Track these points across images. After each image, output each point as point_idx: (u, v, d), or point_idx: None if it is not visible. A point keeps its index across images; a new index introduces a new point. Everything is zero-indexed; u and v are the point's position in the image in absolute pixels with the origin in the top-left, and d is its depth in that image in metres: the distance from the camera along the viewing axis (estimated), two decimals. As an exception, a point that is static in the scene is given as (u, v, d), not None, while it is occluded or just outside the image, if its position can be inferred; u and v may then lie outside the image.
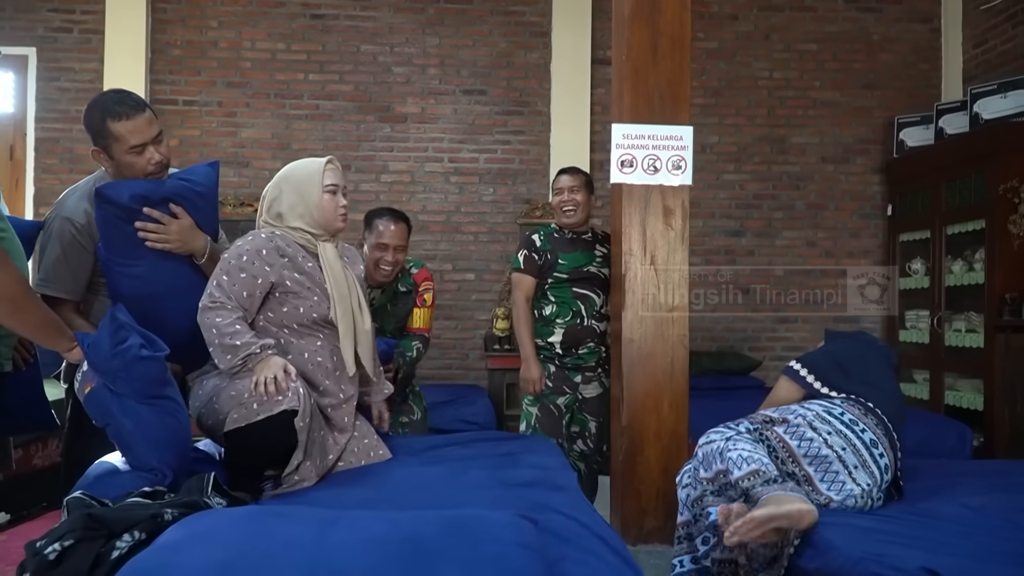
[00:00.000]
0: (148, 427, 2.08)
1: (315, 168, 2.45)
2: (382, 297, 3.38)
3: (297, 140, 5.53)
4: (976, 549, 1.98)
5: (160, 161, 2.42)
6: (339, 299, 2.39)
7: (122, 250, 2.37)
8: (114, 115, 2.35)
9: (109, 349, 2.00)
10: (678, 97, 3.30)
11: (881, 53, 5.90)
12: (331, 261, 2.42)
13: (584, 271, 3.62)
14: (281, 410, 2.13)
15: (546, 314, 3.65)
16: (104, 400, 2.07)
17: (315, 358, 2.40)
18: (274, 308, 2.37)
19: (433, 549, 1.41)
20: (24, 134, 5.42)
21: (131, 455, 2.12)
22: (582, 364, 3.63)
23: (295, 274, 2.36)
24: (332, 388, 2.42)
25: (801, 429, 2.46)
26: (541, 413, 3.62)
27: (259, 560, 1.36)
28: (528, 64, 5.70)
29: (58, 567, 1.51)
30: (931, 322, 5.09)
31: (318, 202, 2.41)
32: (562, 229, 3.71)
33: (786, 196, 5.87)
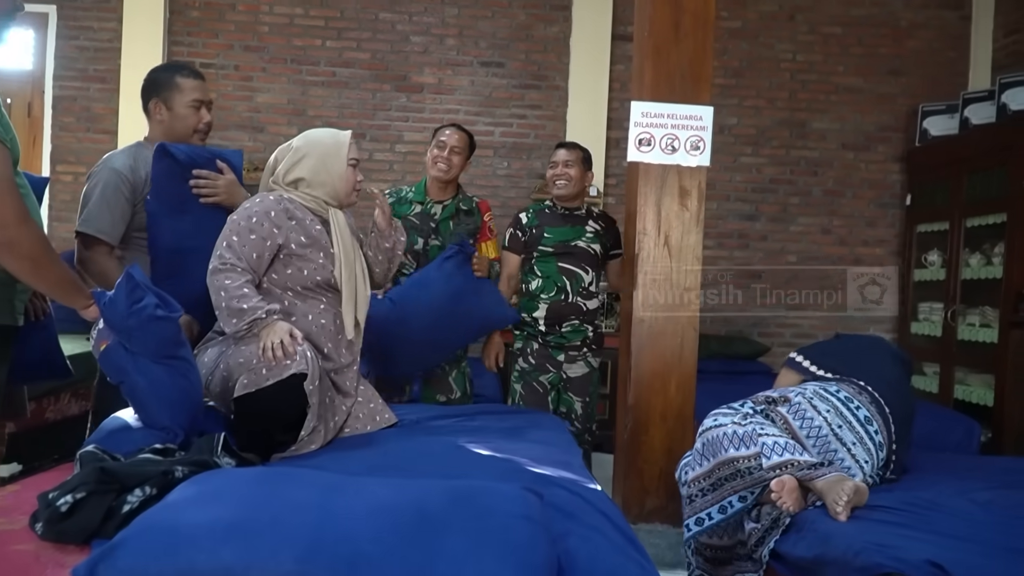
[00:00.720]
0: (161, 386, 2.10)
1: (342, 140, 2.50)
2: (444, 212, 3.48)
3: (312, 107, 5.51)
4: (981, 544, 1.97)
5: (209, 123, 2.73)
6: (345, 264, 2.43)
7: (172, 203, 2.55)
8: (183, 72, 2.71)
9: (125, 308, 2.01)
10: (699, 76, 3.27)
11: (908, 39, 5.81)
12: (341, 228, 2.46)
13: (571, 245, 3.59)
14: (291, 374, 2.14)
15: (531, 288, 3.63)
16: (119, 358, 2.09)
17: (319, 321, 2.42)
18: (279, 270, 2.39)
19: (439, 518, 1.41)
20: (42, 92, 5.42)
21: (144, 413, 2.14)
22: (565, 343, 3.61)
23: (301, 237, 2.39)
24: (334, 352, 2.45)
25: (803, 408, 2.50)
26: (525, 391, 3.62)
27: (266, 522, 1.37)
28: (547, 37, 5.65)
29: (70, 518, 1.53)
30: (945, 315, 5.05)
31: (341, 173, 2.46)
32: (554, 204, 3.68)
33: (803, 182, 5.83)
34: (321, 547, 1.33)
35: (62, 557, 1.50)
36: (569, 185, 3.59)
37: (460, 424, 2.73)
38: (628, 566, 1.59)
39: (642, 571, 1.59)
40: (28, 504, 1.67)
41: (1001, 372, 4.50)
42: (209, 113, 2.74)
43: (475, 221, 3.56)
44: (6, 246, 1.90)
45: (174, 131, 2.67)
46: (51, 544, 1.54)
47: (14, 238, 1.90)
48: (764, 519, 2.37)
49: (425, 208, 3.48)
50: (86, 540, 1.54)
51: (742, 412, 2.51)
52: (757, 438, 2.37)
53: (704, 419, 2.58)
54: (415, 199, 3.50)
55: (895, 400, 2.61)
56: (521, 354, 3.66)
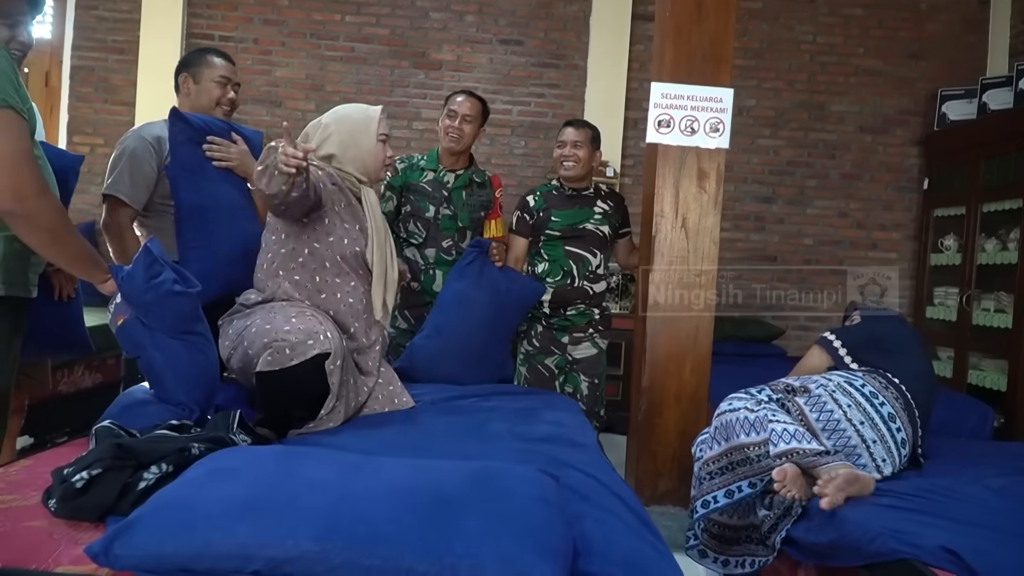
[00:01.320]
0: (178, 362, 2.11)
1: (372, 115, 2.52)
2: (457, 181, 3.50)
3: (331, 82, 5.49)
4: (995, 531, 1.96)
5: (232, 100, 2.90)
6: (377, 243, 2.46)
7: (189, 166, 2.62)
8: (215, 53, 2.92)
9: (143, 283, 2.02)
10: (720, 58, 3.24)
11: (928, 22, 5.75)
12: (373, 205, 2.49)
13: (579, 228, 3.53)
14: (314, 354, 2.13)
15: (538, 272, 3.59)
16: (136, 332, 2.10)
17: (347, 300, 2.44)
18: (321, 238, 2.40)
19: (456, 499, 1.41)
20: (60, 61, 5.42)
21: (160, 388, 2.15)
22: (569, 325, 3.57)
23: (342, 203, 2.42)
24: (360, 332, 2.47)
25: (823, 400, 2.47)
26: (530, 375, 3.58)
27: (283, 501, 1.37)
28: (567, 16, 5.61)
29: (85, 495, 1.52)
30: (960, 300, 5.03)
31: (371, 148, 2.49)
32: (562, 185, 3.61)
33: (820, 164, 5.78)
34: (339, 526, 1.33)
35: (76, 534, 1.48)
36: (577, 167, 3.52)
37: (475, 404, 2.74)
38: (643, 548, 1.58)
39: (657, 553, 1.59)
40: (41, 479, 1.67)
41: (1015, 357, 4.48)
42: (235, 93, 2.91)
43: (488, 194, 3.59)
44: (24, 218, 1.90)
45: (199, 104, 2.83)
46: (65, 521, 1.53)
47: (33, 210, 1.89)
48: (777, 507, 2.36)
49: (438, 176, 3.49)
50: (101, 517, 1.53)
51: (757, 398, 2.49)
52: (767, 424, 2.34)
53: (721, 402, 2.56)
54: (427, 166, 3.51)
55: (923, 394, 2.58)
56: (526, 336, 3.62)
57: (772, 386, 2.58)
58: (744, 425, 2.39)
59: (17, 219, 1.89)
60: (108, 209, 2.69)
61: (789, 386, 2.57)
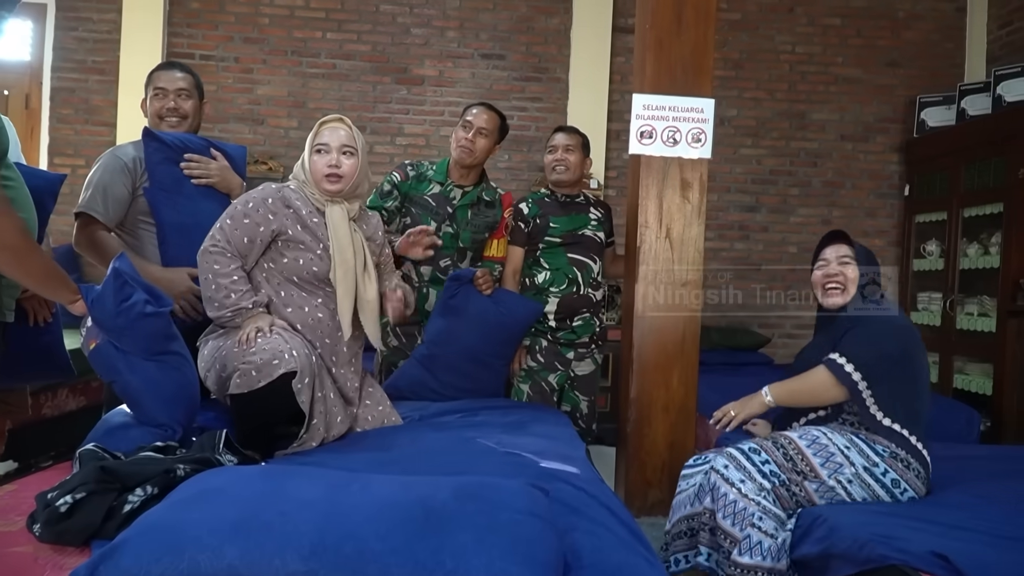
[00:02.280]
0: (155, 383, 2.08)
1: (315, 127, 2.49)
2: (464, 198, 3.31)
3: (313, 99, 5.49)
4: (984, 535, 1.97)
5: (175, 108, 2.80)
6: (340, 261, 2.40)
7: (167, 186, 2.64)
8: (158, 68, 2.88)
9: (113, 306, 1.99)
10: (701, 68, 3.25)
11: (905, 31, 5.82)
12: (336, 223, 2.42)
13: (579, 234, 3.45)
14: (280, 374, 2.12)
15: (539, 282, 3.45)
16: (110, 357, 2.07)
17: (315, 314, 2.42)
18: (275, 258, 2.40)
19: (445, 514, 1.41)
20: (40, 83, 5.39)
21: (140, 411, 2.13)
22: (575, 339, 3.46)
23: (297, 226, 2.39)
24: (331, 348, 2.44)
25: (834, 491, 2.28)
26: (532, 391, 3.43)
27: (272, 519, 1.36)
28: (548, 29, 5.63)
29: (69, 519, 1.51)
30: (943, 305, 5.07)
31: (308, 163, 2.45)
32: (553, 192, 3.52)
33: (803, 173, 5.82)
34: (327, 545, 1.32)
35: (61, 559, 1.47)
36: (568, 171, 3.45)
37: (464, 419, 2.73)
38: (634, 560, 1.58)
39: (648, 565, 1.58)
40: (26, 504, 1.65)
41: (999, 361, 4.52)
42: (181, 102, 2.82)
43: (495, 215, 3.39)
44: None
45: (152, 123, 2.82)
46: (50, 545, 1.52)
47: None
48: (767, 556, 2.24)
49: (444, 190, 3.30)
50: (86, 541, 1.52)
51: (759, 483, 2.28)
52: (749, 526, 2.21)
53: (716, 456, 2.39)
54: (435, 178, 3.31)
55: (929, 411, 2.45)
56: (529, 351, 3.47)
57: (779, 464, 2.33)
58: (728, 509, 2.27)
59: None
60: (80, 226, 2.65)
61: (799, 470, 2.32)
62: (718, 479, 2.31)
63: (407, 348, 3.30)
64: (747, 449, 2.37)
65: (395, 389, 3.02)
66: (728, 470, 2.31)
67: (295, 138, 5.39)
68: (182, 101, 2.82)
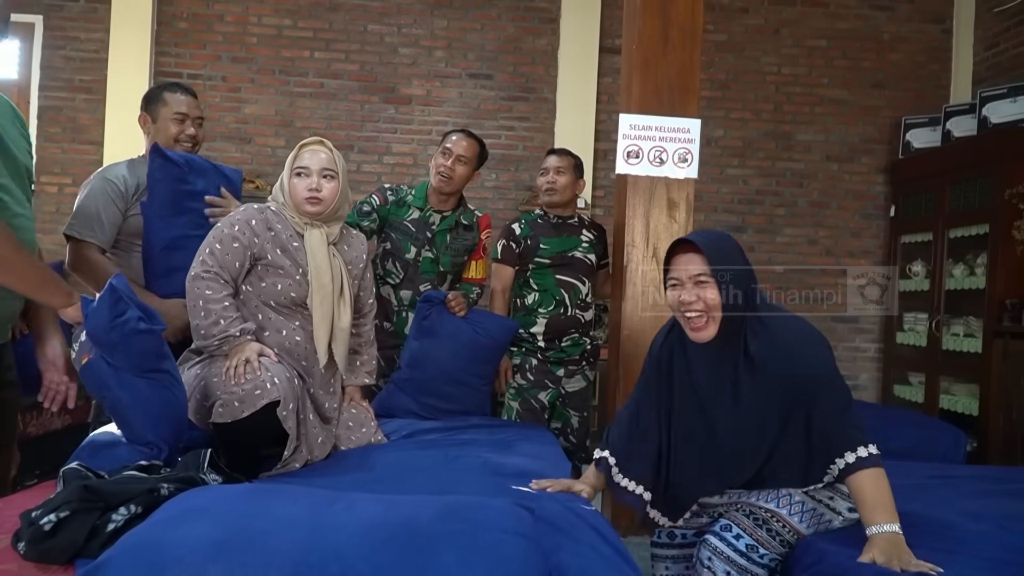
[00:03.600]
0: (145, 401, 2.07)
1: (295, 150, 2.47)
2: (443, 223, 3.36)
3: (300, 118, 5.49)
4: (974, 557, 1.95)
5: (193, 136, 2.86)
6: (318, 286, 2.38)
7: (166, 201, 2.67)
8: (171, 89, 2.89)
9: (107, 321, 1.98)
10: (687, 89, 3.28)
11: (891, 52, 5.87)
12: (314, 248, 2.41)
13: (568, 256, 3.50)
14: (265, 403, 2.12)
15: (528, 303, 3.52)
16: (101, 372, 2.05)
17: (293, 338, 2.40)
18: (254, 282, 2.39)
19: (430, 534, 1.40)
20: (27, 102, 5.37)
21: (128, 429, 2.11)
22: (565, 357, 3.51)
23: (277, 250, 2.38)
24: (309, 368, 2.43)
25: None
26: (522, 408, 3.47)
27: (255, 539, 1.35)
28: (536, 50, 5.67)
29: (53, 538, 1.51)
30: (929, 325, 5.09)
31: (287, 185, 2.44)
32: (546, 214, 3.59)
33: (789, 193, 5.86)
34: (310, 564, 1.31)
35: (45, 577, 1.46)
36: (557, 193, 3.52)
37: (451, 438, 2.73)
38: (620, 581, 1.58)
39: (633, 585, 1.58)
40: (10, 523, 1.64)
41: (985, 381, 4.53)
42: (196, 128, 2.88)
43: (473, 237, 3.45)
44: None
45: (159, 143, 2.78)
46: (34, 564, 1.51)
47: None
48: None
49: (424, 215, 3.35)
50: (70, 560, 1.51)
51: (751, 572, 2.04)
52: None
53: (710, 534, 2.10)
54: (414, 203, 3.35)
55: None
56: (519, 370, 3.51)
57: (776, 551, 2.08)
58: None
59: None
60: (73, 249, 2.66)
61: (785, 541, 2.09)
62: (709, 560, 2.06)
63: (386, 371, 3.31)
64: (744, 548, 2.05)
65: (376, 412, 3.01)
66: (714, 563, 2.04)
67: (282, 157, 5.28)
68: (198, 128, 2.90)
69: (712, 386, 2.12)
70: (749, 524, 2.07)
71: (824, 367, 2.07)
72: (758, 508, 2.11)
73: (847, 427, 2.00)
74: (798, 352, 2.06)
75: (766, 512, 2.09)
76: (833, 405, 2.03)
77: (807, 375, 2.03)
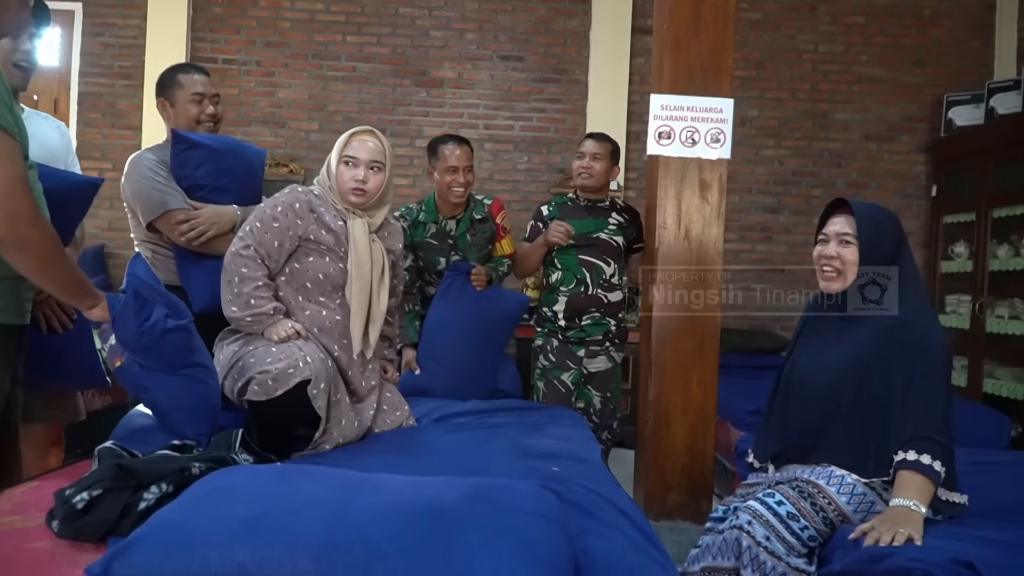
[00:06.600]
0: (181, 399, 2.11)
1: (343, 137, 2.48)
2: (459, 227, 3.45)
3: (333, 102, 5.51)
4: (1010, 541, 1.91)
5: (213, 114, 2.81)
6: (357, 275, 2.42)
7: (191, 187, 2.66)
8: (184, 70, 2.84)
9: (136, 327, 2.00)
10: (720, 68, 3.23)
11: (932, 28, 5.74)
12: (357, 237, 2.43)
13: (593, 237, 3.55)
14: (297, 382, 2.16)
15: (552, 281, 3.60)
16: (135, 375, 2.10)
17: (333, 317, 2.44)
18: (300, 259, 2.42)
19: (454, 515, 1.40)
20: (68, 88, 5.46)
21: (167, 423, 2.16)
22: (585, 337, 3.56)
23: (322, 231, 2.41)
24: (348, 347, 2.45)
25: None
26: (547, 389, 3.57)
27: (281, 518, 1.36)
28: (567, 31, 5.62)
29: (86, 515, 1.53)
30: (972, 307, 4.98)
31: (335, 171, 2.45)
32: (577, 196, 3.65)
33: (826, 173, 5.76)
34: (336, 545, 1.32)
35: (77, 555, 1.49)
36: (592, 178, 3.56)
37: (480, 420, 2.73)
38: (647, 564, 1.57)
39: (661, 569, 1.57)
40: (46, 501, 1.67)
41: (1030, 365, 4.44)
42: (215, 107, 2.82)
43: (490, 226, 3.53)
44: (17, 244, 1.81)
45: (179, 126, 2.75)
46: (67, 542, 1.54)
47: (26, 236, 1.81)
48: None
49: (440, 227, 3.44)
50: (102, 538, 1.54)
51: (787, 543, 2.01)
52: None
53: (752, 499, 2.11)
54: (428, 219, 3.43)
55: None
56: (542, 351, 3.61)
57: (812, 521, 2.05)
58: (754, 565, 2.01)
59: (8, 245, 1.81)
60: (166, 229, 2.61)
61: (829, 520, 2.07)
62: (743, 536, 2.04)
63: None
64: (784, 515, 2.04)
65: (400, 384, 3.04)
66: (753, 526, 2.03)
67: (316, 141, 5.42)
68: (216, 106, 2.84)
69: (825, 332, 2.28)
70: (793, 495, 2.09)
71: (933, 350, 2.09)
72: (805, 482, 2.12)
73: (930, 425, 2.00)
74: (918, 326, 2.12)
75: (812, 486, 2.10)
76: (925, 388, 2.04)
77: (915, 345, 2.08)
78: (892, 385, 2.08)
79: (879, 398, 2.10)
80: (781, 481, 2.20)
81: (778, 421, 2.34)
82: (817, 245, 2.30)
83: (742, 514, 2.07)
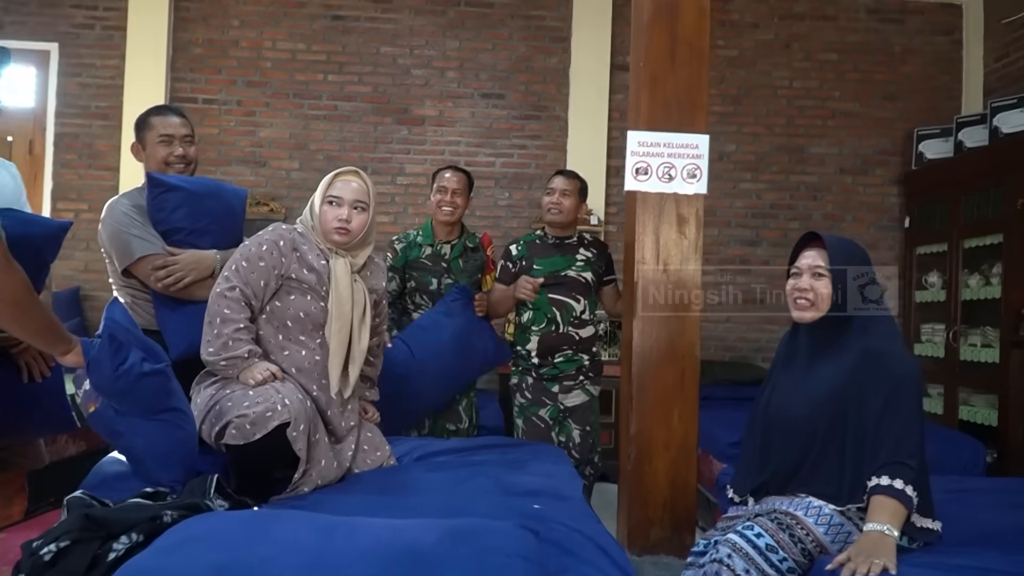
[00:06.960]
0: (157, 444, 2.08)
1: (328, 178, 2.49)
2: (453, 251, 3.63)
3: (315, 141, 5.53)
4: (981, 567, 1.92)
5: (183, 155, 2.76)
6: (337, 315, 2.41)
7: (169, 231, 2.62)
8: (157, 112, 2.81)
9: (111, 372, 1.98)
10: (695, 105, 3.27)
11: (902, 65, 5.85)
12: (339, 276, 2.43)
13: (562, 275, 3.59)
14: (275, 425, 2.13)
15: (523, 321, 3.65)
16: (109, 420, 2.07)
17: (312, 357, 2.42)
18: (282, 297, 2.41)
19: (433, 558, 1.40)
20: (44, 129, 5.45)
21: (141, 469, 2.12)
22: (559, 374, 3.59)
23: (304, 269, 2.40)
24: (327, 387, 2.43)
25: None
26: (526, 426, 3.60)
27: (255, 564, 1.35)
28: (547, 68, 5.69)
29: (53, 568, 1.50)
30: (947, 336, 5.03)
31: (318, 211, 2.45)
32: (545, 235, 3.69)
33: (803, 206, 5.83)
34: (312, 591, 1.31)
35: (46, 608, 1.45)
36: (561, 214, 3.60)
37: (462, 459, 2.72)
38: (626, 603, 1.56)
39: (640, 608, 1.56)
40: (13, 553, 1.64)
41: (1004, 392, 4.48)
42: (185, 148, 2.77)
43: (481, 256, 3.72)
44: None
45: (151, 168, 2.73)
46: (34, 596, 1.50)
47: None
48: None
49: (435, 250, 3.61)
50: (70, 590, 1.50)
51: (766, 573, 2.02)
52: None
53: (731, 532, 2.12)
54: (424, 242, 3.61)
55: None
56: (518, 389, 3.64)
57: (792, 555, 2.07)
58: None
59: None
60: (142, 275, 2.57)
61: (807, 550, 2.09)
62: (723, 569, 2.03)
63: None
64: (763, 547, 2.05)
65: None
66: (733, 560, 2.03)
67: (297, 179, 5.43)
68: (187, 147, 2.79)
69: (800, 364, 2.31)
70: (772, 526, 2.10)
71: (905, 377, 2.14)
72: (783, 514, 2.13)
73: (903, 451, 2.03)
74: (889, 354, 2.17)
75: (790, 518, 2.11)
76: (898, 416, 2.07)
77: (887, 374, 2.12)
78: (865, 413, 2.11)
79: (854, 427, 2.14)
80: (760, 513, 2.20)
81: (756, 454, 2.36)
82: (790, 279, 2.36)
83: (722, 547, 2.08)
